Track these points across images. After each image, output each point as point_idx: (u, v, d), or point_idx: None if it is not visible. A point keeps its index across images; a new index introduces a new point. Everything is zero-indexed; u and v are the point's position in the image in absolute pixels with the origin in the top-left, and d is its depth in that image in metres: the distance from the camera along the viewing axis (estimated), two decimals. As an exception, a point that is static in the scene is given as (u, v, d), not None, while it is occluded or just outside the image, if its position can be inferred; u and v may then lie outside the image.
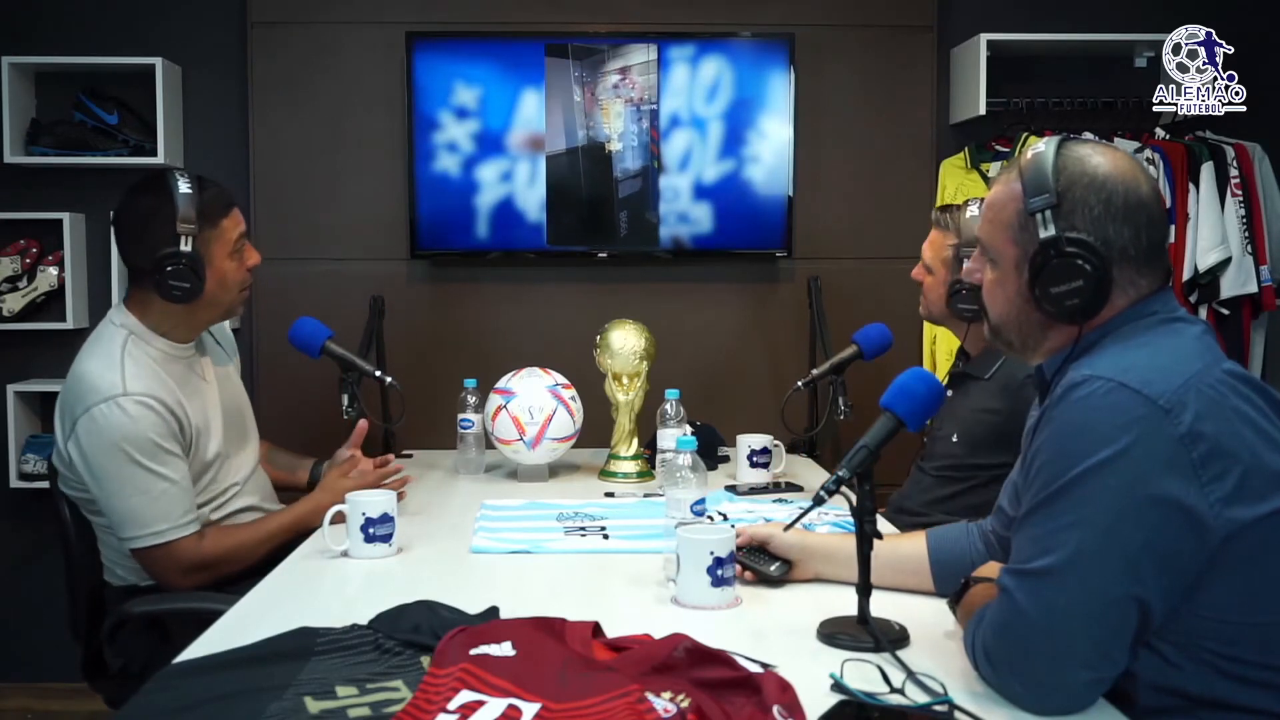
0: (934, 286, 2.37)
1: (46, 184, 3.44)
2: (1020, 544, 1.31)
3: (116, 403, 2.07)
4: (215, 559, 2.16)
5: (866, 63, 3.52)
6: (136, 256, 2.17)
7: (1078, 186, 1.36)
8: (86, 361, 2.15)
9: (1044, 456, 1.30)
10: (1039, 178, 1.37)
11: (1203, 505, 1.23)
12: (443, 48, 3.38)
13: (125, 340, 2.17)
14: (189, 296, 2.15)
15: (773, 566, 1.76)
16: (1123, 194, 1.35)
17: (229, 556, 2.18)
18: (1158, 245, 1.38)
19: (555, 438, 2.61)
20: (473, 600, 1.56)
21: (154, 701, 1.26)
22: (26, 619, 3.51)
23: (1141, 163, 1.43)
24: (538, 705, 1.21)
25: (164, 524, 2.10)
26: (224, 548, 2.18)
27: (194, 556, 2.13)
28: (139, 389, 2.10)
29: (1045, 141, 1.42)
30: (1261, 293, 3.31)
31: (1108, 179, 1.36)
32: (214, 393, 2.31)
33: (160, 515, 2.09)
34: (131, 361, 2.13)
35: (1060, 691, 1.26)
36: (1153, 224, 1.37)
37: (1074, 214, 1.36)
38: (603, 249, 3.43)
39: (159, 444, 2.10)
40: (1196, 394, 1.26)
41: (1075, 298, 1.35)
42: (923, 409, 1.54)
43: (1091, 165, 1.37)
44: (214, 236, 2.20)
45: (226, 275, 2.23)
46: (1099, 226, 1.35)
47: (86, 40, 3.42)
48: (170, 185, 2.15)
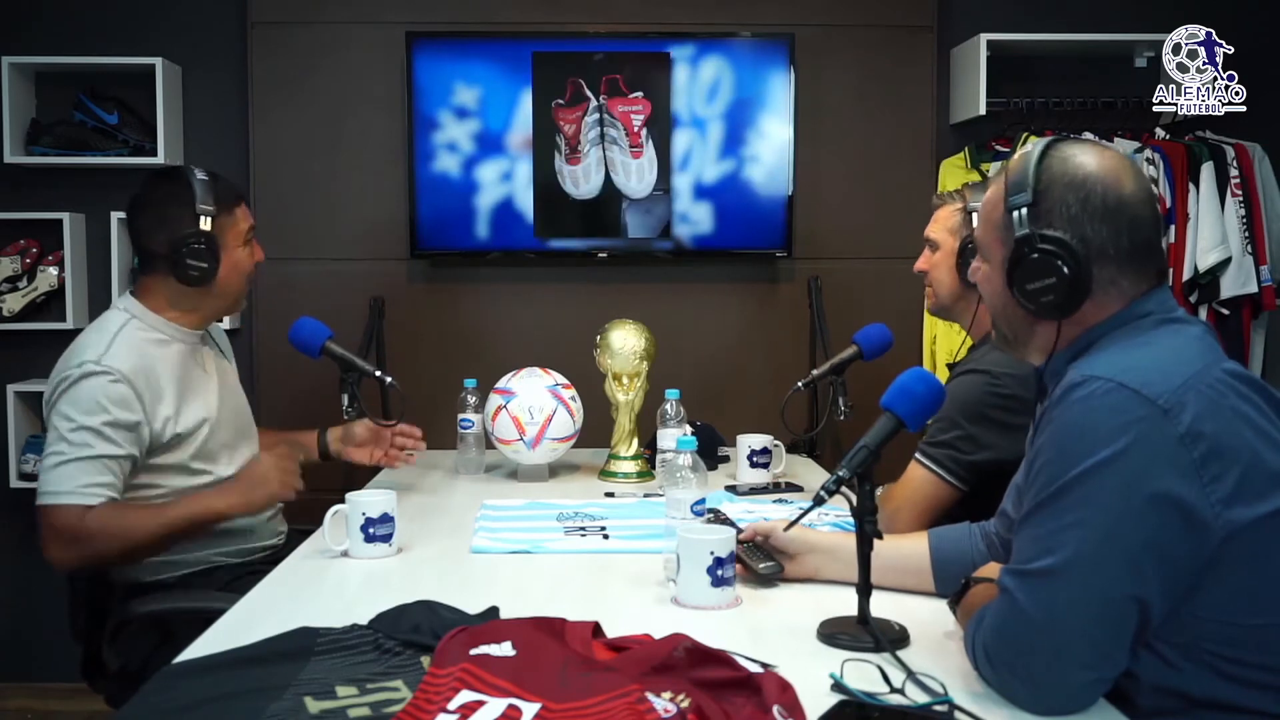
0: (943, 260, 2.26)
1: (46, 184, 3.44)
2: (1021, 544, 1.31)
3: (85, 368, 2.10)
4: (91, 532, 2.03)
5: (866, 63, 3.52)
6: (154, 241, 2.21)
7: (1057, 185, 1.37)
8: (81, 337, 2.20)
9: (1044, 457, 1.30)
10: (1020, 177, 1.40)
11: (1203, 505, 1.23)
12: (443, 48, 3.38)
13: (125, 322, 2.20)
14: (205, 278, 2.20)
15: (761, 565, 1.76)
16: (1101, 193, 1.36)
17: (107, 532, 2.04)
18: (1144, 246, 1.38)
19: (555, 438, 2.61)
20: (473, 600, 1.56)
21: (154, 701, 1.26)
22: (26, 619, 3.51)
23: (1135, 163, 1.42)
24: (538, 705, 1.21)
25: (60, 486, 2.04)
26: (107, 524, 2.04)
27: (72, 527, 2.03)
28: (114, 363, 2.11)
29: (1036, 142, 1.43)
30: (1261, 293, 3.31)
31: (1088, 178, 1.37)
32: (214, 384, 2.33)
33: (65, 478, 2.04)
34: (122, 341, 2.16)
35: (1060, 692, 1.26)
36: (1136, 224, 1.37)
37: (1051, 212, 1.37)
38: (603, 249, 3.44)
39: (106, 414, 2.07)
40: (1196, 394, 1.26)
41: (1050, 294, 1.37)
42: (923, 409, 1.54)
43: (1073, 165, 1.38)
44: (229, 223, 2.27)
45: (239, 263, 2.29)
46: (1076, 225, 1.36)
47: (86, 40, 3.43)
48: (188, 174, 2.23)
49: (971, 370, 2.12)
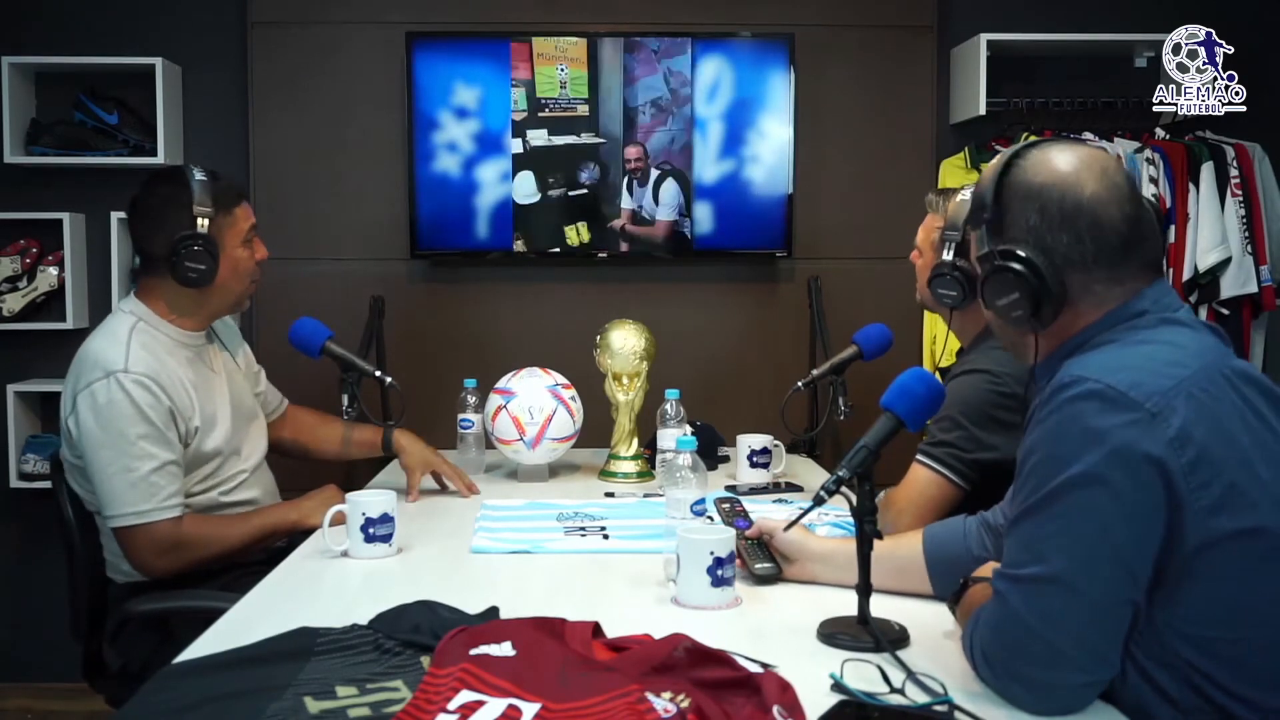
0: (923, 269, 2.34)
1: (46, 184, 3.44)
2: (1012, 547, 1.31)
3: (115, 379, 2.10)
4: (191, 540, 2.15)
5: (866, 63, 3.52)
6: (153, 243, 2.22)
7: (1016, 198, 1.37)
8: (93, 342, 2.19)
9: (1033, 459, 1.29)
10: (981, 194, 1.40)
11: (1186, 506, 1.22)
12: (443, 48, 3.38)
13: (134, 325, 2.21)
14: (204, 279, 2.20)
15: (758, 565, 1.76)
16: (1059, 200, 1.34)
17: (205, 540, 2.17)
18: (1115, 248, 1.34)
19: (555, 438, 2.61)
20: (473, 600, 1.56)
21: (154, 701, 1.26)
22: (26, 619, 3.51)
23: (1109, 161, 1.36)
24: (538, 705, 1.21)
25: (146, 504, 2.10)
26: (201, 532, 2.17)
27: (172, 538, 2.12)
28: (140, 368, 2.12)
29: (1005, 150, 1.43)
30: (1261, 293, 3.31)
31: (1044, 187, 1.35)
32: (223, 383, 2.34)
33: (143, 496, 2.10)
34: (138, 343, 2.17)
35: (1058, 693, 1.26)
36: (1099, 226, 1.33)
37: (1014, 226, 1.36)
38: (603, 249, 3.44)
39: (153, 423, 2.11)
40: (1188, 398, 1.25)
41: (1018, 309, 1.36)
42: (923, 409, 1.54)
43: (1032, 173, 1.36)
44: (228, 224, 2.26)
45: (239, 263, 2.29)
46: (1037, 236, 1.35)
47: (86, 40, 3.43)
48: (187, 175, 2.23)
49: (972, 370, 2.12)
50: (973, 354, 2.19)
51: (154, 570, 2.14)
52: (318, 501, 2.29)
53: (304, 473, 2.63)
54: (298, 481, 2.51)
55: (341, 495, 2.31)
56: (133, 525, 2.11)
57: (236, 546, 2.21)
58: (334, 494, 2.32)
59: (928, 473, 2.06)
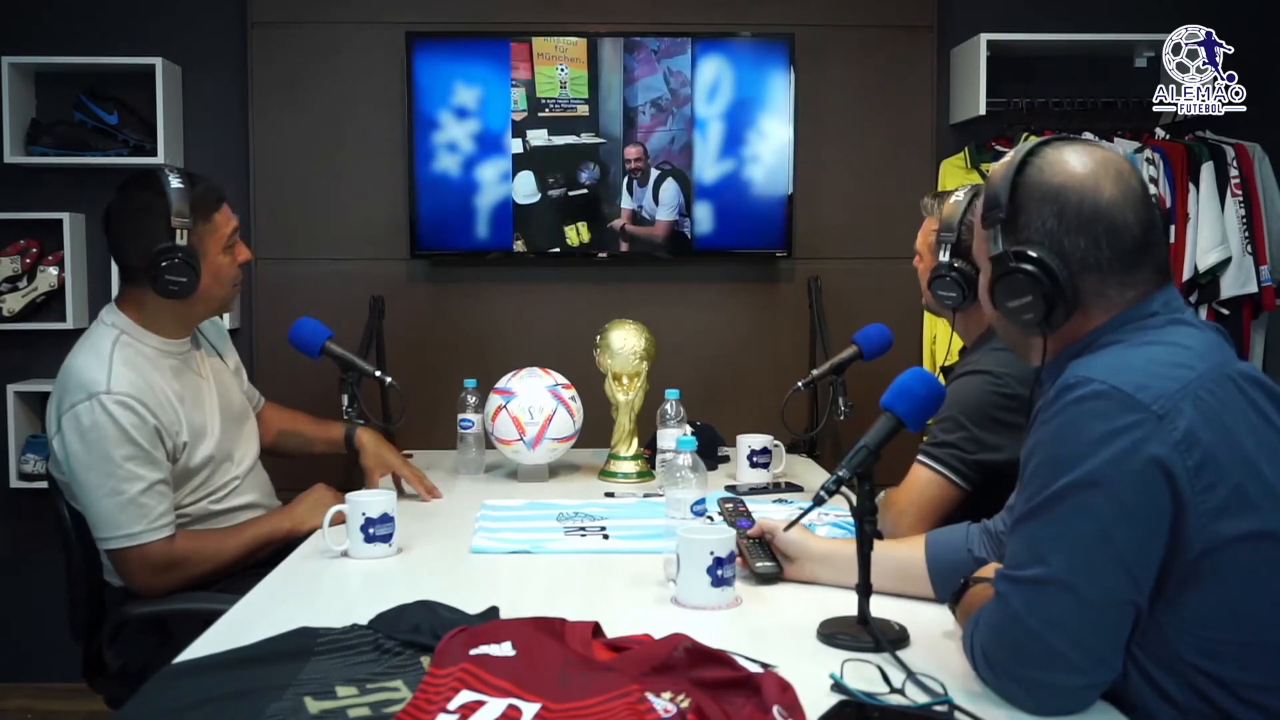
0: (924, 274, 2.35)
1: (46, 184, 3.44)
2: (1014, 547, 1.30)
3: (98, 400, 2.07)
4: (185, 558, 2.13)
5: (866, 63, 3.52)
6: (130, 255, 2.17)
7: (1033, 198, 1.35)
8: (75, 358, 2.15)
9: (1036, 460, 1.29)
10: (995, 192, 1.37)
11: (1191, 509, 1.22)
12: (443, 48, 3.38)
13: (116, 339, 2.16)
14: (185, 291, 2.15)
15: (759, 564, 1.76)
16: (1078, 203, 1.33)
17: (199, 557, 2.16)
18: (1132, 251, 1.33)
19: (555, 438, 2.60)
20: (473, 600, 1.56)
21: (154, 701, 1.26)
22: (26, 619, 3.51)
23: (1123, 163, 1.36)
24: (538, 705, 1.21)
25: (136, 526, 2.08)
26: (195, 548, 2.16)
27: (165, 557, 2.11)
28: (122, 388, 2.09)
29: (1019, 148, 1.41)
30: (1261, 293, 3.32)
31: (1063, 188, 1.34)
32: (211, 389, 2.32)
33: (134, 517, 2.08)
34: (120, 360, 2.13)
35: (1057, 694, 1.26)
36: (1116, 231, 1.32)
37: (1029, 227, 1.35)
38: (603, 249, 3.44)
39: (138, 444, 2.09)
40: (1194, 400, 1.24)
41: (1029, 312, 1.35)
42: (923, 409, 1.54)
43: (1050, 174, 1.35)
44: (208, 231, 2.21)
45: (221, 270, 2.24)
46: (1054, 239, 1.33)
47: (86, 40, 3.42)
48: (162, 181, 2.15)
49: (973, 371, 2.12)
50: (975, 354, 2.19)
51: (152, 589, 2.12)
52: (308, 505, 2.28)
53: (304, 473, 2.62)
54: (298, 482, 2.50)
55: (332, 493, 2.32)
56: (125, 548, 2.09)
57: (231, 560, 2.19)
58: (324, 494, 2.31)
59: (929, 473, 2.06)
